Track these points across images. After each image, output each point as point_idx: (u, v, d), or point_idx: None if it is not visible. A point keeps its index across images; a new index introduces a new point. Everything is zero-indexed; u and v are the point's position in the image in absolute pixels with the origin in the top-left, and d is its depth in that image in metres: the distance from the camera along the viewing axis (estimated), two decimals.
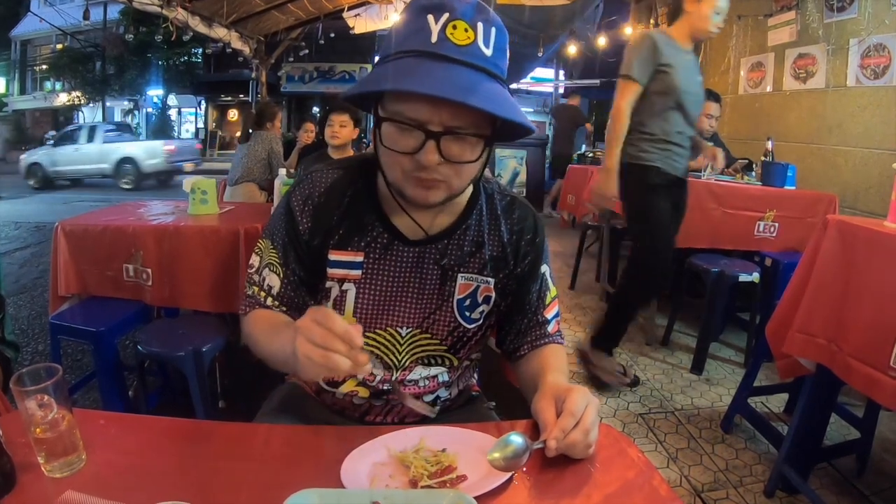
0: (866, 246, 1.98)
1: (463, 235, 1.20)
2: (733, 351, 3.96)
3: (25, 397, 0.83)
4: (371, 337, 1.20)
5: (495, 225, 1.24)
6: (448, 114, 0.95)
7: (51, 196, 12.71)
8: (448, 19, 0.95)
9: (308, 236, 1.18)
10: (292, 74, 22.03)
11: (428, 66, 0.94)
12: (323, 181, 1.20)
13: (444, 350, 1.24)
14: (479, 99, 0.90)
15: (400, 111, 0.97)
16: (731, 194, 3.72)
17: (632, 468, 0.93)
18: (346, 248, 1.18)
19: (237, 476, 0.87)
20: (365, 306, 1.19)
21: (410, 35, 0.97)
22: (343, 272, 1.18)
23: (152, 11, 6.21)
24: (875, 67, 4.09)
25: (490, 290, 1.23)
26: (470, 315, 1.23)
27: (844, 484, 2.46)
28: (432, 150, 0.96)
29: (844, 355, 1.97)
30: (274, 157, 4.96)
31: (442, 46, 0.95)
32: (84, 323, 2.50)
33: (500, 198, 1.26)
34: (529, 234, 1.25)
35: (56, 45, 24.22)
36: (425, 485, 0.86)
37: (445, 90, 0.89)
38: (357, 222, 1.18)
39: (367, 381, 1.23)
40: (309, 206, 1.18)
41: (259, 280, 1.21)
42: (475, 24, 0.96)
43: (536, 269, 1.27)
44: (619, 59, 3.12)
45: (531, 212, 1.29)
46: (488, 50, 0.98)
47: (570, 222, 7.32)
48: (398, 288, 1.19)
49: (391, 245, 1.18)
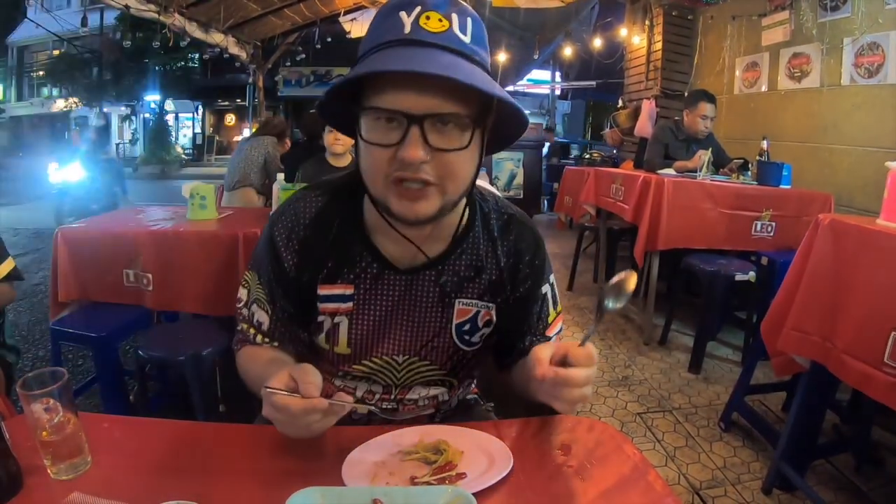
0: (858, 243, 2.00)
1: (458, 260, 1.14)
2: (731, 350, 3.98)
3: (32, 401, 0.84)
4: (367, 364, 1.17)
5: (492, 248, 1.17)
6: (430, 99, 0.88)
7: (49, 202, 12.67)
8: (420, 12, 0.91)
9: (295, 273, 1.12)
10: (289, 79, 22.07)
11: (402, 51, 0.89)
12: (307, 211, 1.13)
13: (443, 374, 1.22)
14: (459, 74, 0.84)
15: (377, 103, 0.90)
16: (728, 194, 3.73)
17: (627, 465, 0.94)
18: (336, 282, 1.12)
19: (240, 476, 0.89)
20: (358, 337, 1.15)
21: (383, 32, 0.93)
22: (334, 306, 1.13)
23: (149, 18, 6.22)
24: (869, 66, 4.11)
25: (490, 314, 1.18)
26: (470, 339, 1.18)
27: (842, 480, 2.47)
28: (416, 140, 0.88)
29: (838, 352, 1.99)
30: (271, 161, 4.99)
31: (416, 34, 0.90)
32: (85, 328, 2.51)
33: (496, 216, 1.18)
34: (528, 255, 1.19)
35: (53, 51, 24.18)
36: (425, 482, 0.87)
37: (421, 66, 0.84)
38: (345, 254, 1.12)
39: (367, 400, 1.21)
40: (293, 241, 1.12)
41: (248, 315, 1.17)
42: (449, 15, 0.92)
43: (537, 291, 1.21)
44: (615, 60, 3.14)
45: (529, 230, 1.21)
46: (465, 37, 0.93)
47: (567, 224, 7.33)
48: (391, 317, 1.14)
49: (381, 275, 1.12)
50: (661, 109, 6.33)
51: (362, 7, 7.58)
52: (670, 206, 3.64)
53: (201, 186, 3.01)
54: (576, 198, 5.22)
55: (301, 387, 0.85)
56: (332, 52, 10.72)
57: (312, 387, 0.85)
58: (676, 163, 4.34)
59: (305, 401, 0.84)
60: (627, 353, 3.87)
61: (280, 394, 0.85)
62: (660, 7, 6.36)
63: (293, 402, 0.84)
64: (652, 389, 3.35)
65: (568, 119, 21.93)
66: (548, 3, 6.59)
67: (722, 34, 5.80)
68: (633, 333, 4.18)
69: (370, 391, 1.21)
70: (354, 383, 1.21)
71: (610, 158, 8.02)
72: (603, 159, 8.12)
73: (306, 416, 0.85)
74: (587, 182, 4.88)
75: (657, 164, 4.47)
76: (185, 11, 6.63)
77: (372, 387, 1.20)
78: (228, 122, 27.57)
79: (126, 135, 26.07)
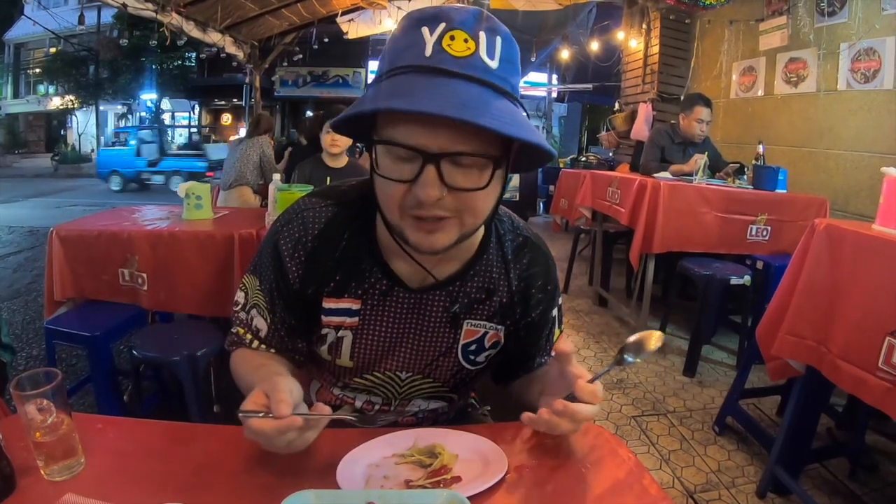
0: (854, 249, 2.00)
1: (470, 282, 1.11)
2: (726, 353, 3.99)
3: (25, 401, 0.83)
4: (368, 378, 1.16)
5: (505, 271, 1.13)
6: (447, 136, 0.82)
7: (44, 201, 12.66)
8: (444, 30, 0.83)
9: (299, 285, 1.08)
10: (286, 79, 22.02)
11: (420, 81, 0.81)
12: (316, 221, 1.08)
13: (445, 391, 1.21)
14: (478, 114, 0.78)
15: (392, 136, 0.85)
16: (723, 198, 3.74)
17: (622, 468, 0.94)
18: (343, 296, 1.08)
19: (234, 478, 0.88)
20: (362, 352, 1.12)
21: (403, 51, 0.85)
22: (339, 319, 1.10)
23: (146, 16, 6.20)
24: (865, 71, 4.13)
25: (499, 336, 1.16)
26: (475, 359, 1.16)
27: (836, 484, 2.48)
28: (432, 180, 0.83)
29: (833, 356, 1.99)
30: (266, 161, 5.02)
31: (437, 59, 0.82)
32: (79, 328, 2.50)
33: (511, 238, 1.14)
34: (541, 280, 1.16)
35: (50, 49, 24.11)
36: (420, 485, 0.87)
37: (439, 107, 0.77)
38: (354, 268, 1.07)
39: (366, 410, 1.20)
40: (300, 252, 1.07)
41: (246, 319, 1.14)
42: (476, 34, 0.83)
43: (548, 315, 1.20)
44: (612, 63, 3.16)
45: (543, 254, 1.18)
46: (493, 62, 0.84)
47: (562, 226, 7.33)
48: (398, 335, 1.12)
49: (390, 291, 1.08)
50: (658, 113, 6.34)
51: (360, 8, 7.56)
52: (666, 209, 3.64)
53: (197, 186, 3.01)
54: (572, 200, 5.23)
55: (272, 406, 0.83)
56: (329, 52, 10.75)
57: (283, 405, 0.82)
58: (672, 166, 4.35)
59: (277, 422, 0.81)
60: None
61: (254, 416, 0.83)
62: (657, 11, 6.37)
63: (266, 424, 0.82)
64: (647, 392, 3.35)
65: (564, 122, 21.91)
66: (545, 5, 6.59)
67: (719, 38, 5.81)
68: (627, 336, 4.17)
69: (369, 402, 1.20)
70: (354, 394, 1.20)
71: (606, 161, 8.03)
72: (599, 162, 8.13)
73: (281, 437, 0.82)
74: (583, 185, 4.88)
75: (653, 167, 4.48)
76: (183, 10, 6.61)
77: (371, 398, 1.19)
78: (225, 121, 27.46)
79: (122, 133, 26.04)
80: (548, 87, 17.52)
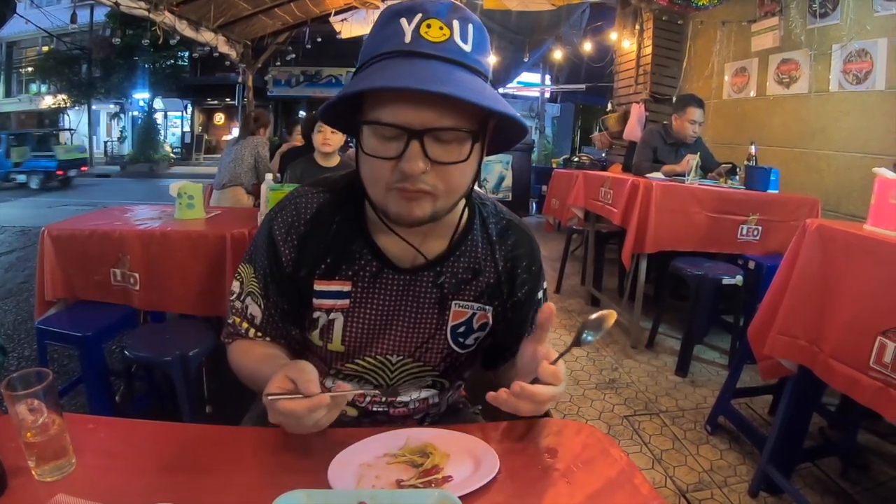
0: (845, 249, 2.02)
1: (457, 262, 1.15)
2: (718, 353, 4.00)
3: (16, 402, 0.83)
4: (360, 363, 1.17)
5: (490, 251, 1.18)
6: (430, 113, 0.89)
7: (35, 200, 12.60)
8: (421, 19, 0.91)
9: (292, 268, 1.12)
10: (279, 78, 22.02)
11: (402, 63, 0.89)
12: (308, 206, 1.13)
13: (436, 375, 1.22)
14: (458, 89, 0.84)
15: (379, 117, 0.91)
16: (715, 198, 3.75)
17: (614, 468, 0.95)
18: (333, 278, 1.12)
19: (225, 479, 0.88)
20: (353, 335, 1.15)
21: (383, 41, 0.93)
22: (330, 302, 1.13)
23: (139, 15, 6.18)
24: (857, 73, 4.15)
25: (487, 317, 1.19)
26: (464, 341, 1.19)
27: (828, 483, 2.49)
28: (416, 155, 0.90)
29: (825, 356, 2.00)
30: (261, 161, 4.99)
31: (416, 45, 0.90)
32: (71, 328, 2.49)
33: (494, 221, 1.20)
34: (525, 261, 1.20)
35: (42, 48, 23.95)
36: (411, 485, 0.87)
37: (420, 82, 0.84)
38: (345, 250, 1.11)
39: (357, 402, 1.21)
40: (293, 235, 1.11)
41: (241, 308, 1.17)
42: (450, 22, 0.92)
43: (534, 296, 1.23)
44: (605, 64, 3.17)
45: (527, 236, 1.23)
46: (467, 46, 0.93)
47: (555, 226, 7.35)
48: (388, 317, 1.14)
49: (380, 273, 1.12)
50: (651, 113, 6.37)
51: (353, 7, 7.56)
52: (658, 209, 3.65)
53: (189, 186, 3.00)
54: (564, 201, 5.24)
55: (300, 386, 0.86)
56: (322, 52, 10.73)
57: (311, 384, 0.86)
58: (665, 167, 4.36)
59: (308, 401, 0.85)
60: (614, 356, 3.88)
61: (282, 398, 0.86)
62: (650, 12, 6.38)
63: (297, 405, 0.85)
64: (639, 392, 3.36)
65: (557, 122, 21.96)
66: (539, 6, 6.59)
67: (711, 39, 5.83)
68: (620, 336, 4.19)
69: (361, 394, 1.20)
70: (346, 382, 1.20)
71: (599, 162, 8.04)
72: (592, 162, 8.14)
73: (312, 415, 0.86)
74: (576, 185, 4.89)
75: (646, 167, 4.48)
76: (176, 9, 6.60)
77: (363, 387, 1.20)
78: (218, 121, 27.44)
79: (114, 133, 25.88)
80: (541, 87, 17.52)
